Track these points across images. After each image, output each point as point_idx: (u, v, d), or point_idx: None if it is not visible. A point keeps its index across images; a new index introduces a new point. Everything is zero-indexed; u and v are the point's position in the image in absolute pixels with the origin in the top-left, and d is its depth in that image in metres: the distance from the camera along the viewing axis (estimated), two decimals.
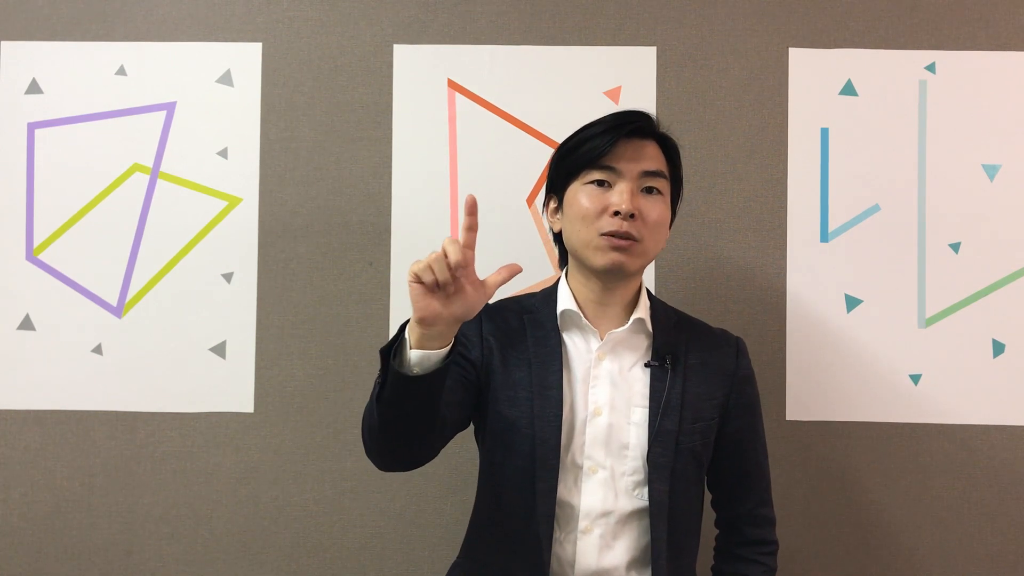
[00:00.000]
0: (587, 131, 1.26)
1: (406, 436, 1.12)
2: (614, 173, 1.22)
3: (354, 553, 1.68)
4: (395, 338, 1.06)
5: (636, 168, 1.22)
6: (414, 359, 1.04)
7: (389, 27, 1.70)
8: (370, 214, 1.69)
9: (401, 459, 1.18)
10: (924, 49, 1.68)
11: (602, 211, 1.21)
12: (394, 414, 1.08)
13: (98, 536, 1.68)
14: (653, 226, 1.23)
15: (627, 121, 1.24)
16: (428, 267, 1.01)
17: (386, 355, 1.05)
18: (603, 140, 1.22)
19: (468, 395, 1.24)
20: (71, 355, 1.68)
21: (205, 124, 1.70)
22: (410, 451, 1.17)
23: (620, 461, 1.23)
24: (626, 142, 1.23)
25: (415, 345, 1.04)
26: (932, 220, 1.67)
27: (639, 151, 1.23)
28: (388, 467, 1.18)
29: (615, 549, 1.22)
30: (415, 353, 1.04)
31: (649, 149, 1.25)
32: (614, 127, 1.23)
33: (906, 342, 1.66)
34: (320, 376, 1.68)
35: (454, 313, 1.04)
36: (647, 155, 1.24)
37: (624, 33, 1.69)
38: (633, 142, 1.23)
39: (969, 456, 1.66)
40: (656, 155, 1.26)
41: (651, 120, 1.27)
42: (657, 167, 1.24)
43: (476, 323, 1.28)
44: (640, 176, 1.23)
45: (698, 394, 1.26)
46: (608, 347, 1.25)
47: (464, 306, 1.04)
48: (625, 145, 1.23)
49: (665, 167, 1.26)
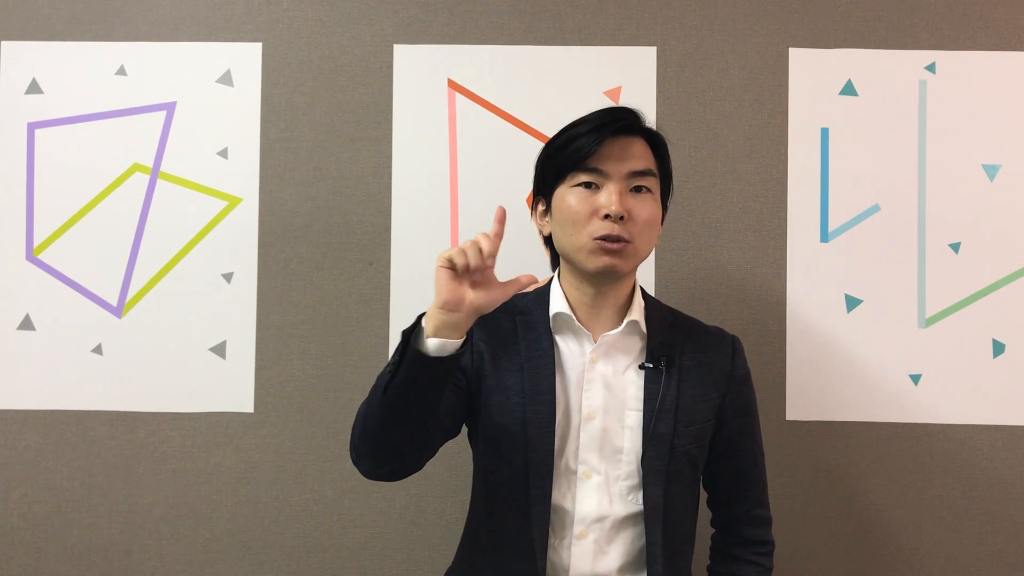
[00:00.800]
0: (572, 131, 1.22)
1: (402, 432, 1.12)
2: (601, 175, 1.19)
3: (354, 553, 1.68)
4: (414, 324, 1.08)
5: (624, 168, 1.20)
6: (432, 346, 1.06)
7: (389, 27, 1.71)
8: (370, 214, 1.69)
9: (389, 462, 1.16)
10: (924, 49, 1.68)
11: (591, 214, 1.19)
12: (401, 400, 1.07)
13: (98, 536, 1.68)
14: (644, 226, 1.20)
15: (612, 119, 1.21)
16: (462, 251, 1.05)
17: (407, 335, 1.07)
18: (588, 140, 1.19)
19: (459, 402, 1.24)
20: (71, 355, 1.68)
21: (205, 124, 1.70)
22: (400, 454, 1.15)
23: (614, 465, 1.21)
24: (612, 141, 1.20)
25: (432, 333, 1.06)
26: (932, 220, 1.67)
27: (626, 150, 1.20)
28: (375, 471, 1.17)
29: (610, 554, 1.21)
30: (433, 341, 1.06)
31: (636, 147, 1.22)
32: (599, 126, 1.20)
33: (906, 342, 1.66)
34: (320, 376, 1.68)
35: (476, 302, 1.06)
36: (634, 154, 1.21)
37: (624, 33, 1.69)
38: (619, 140, 1.20)
39: (969, 456, 1.66)
40: (643, 153, 1.23)
41: (637, 116, 1.24)
42: (645, 166, 1.21)
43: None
44: (628, 176, 1.20)
45: (693, 396, 1.24)
46: (601, 350, 1.24)
47: (487, 298, 1.07)
48: (611, 144, 1.20)
49: (653, 164, 1.24)
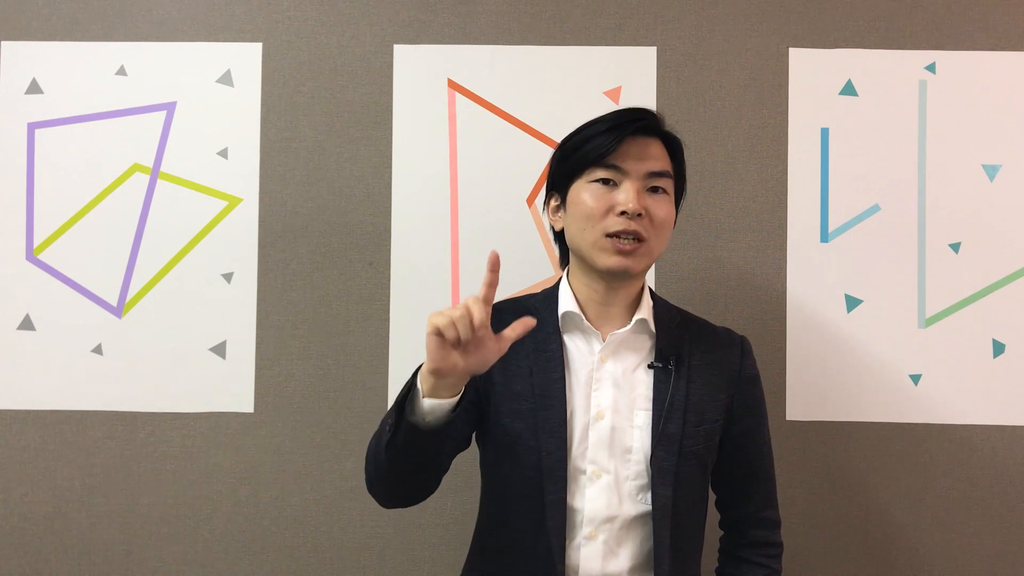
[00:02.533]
0: (591, 128, 1.23)
1: (413, 478, 1.15)
2: (620, 172, 1.20)
3: (354, 553, 1.68)
4: (408, 385, 1.08)
5: (642, 168, 1.20)
6: (426, 407, 1.06)
7: (389, 27, 1.70)
8: (370, 214, 1.69)
9: (405, 497, 1.20)
10: (924, 49, 1.68)
11: (608, 211, 1.19)
12: (403, 458, 1.10)
13: (98, 536, 1.68)
14: (659, 226, 1.21)
15: (632, 119, 1.22)
16: (452, 324, 1.00)
17: (400, 404, 1.07)
18: (608, 138, 1.20)
19: (468, 418, 1.24)
20: (71, 355, 1.68)
21: (205, 124, 1.70)
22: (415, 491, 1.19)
23: (624, 465, 1.21)
24: (631, 140, 1.21)
25: (427, 394, 1.06)
26: (932, 220, 1.67)
27: (644, 150, 1.22)
28: (391, 505, 1.21)
29: (620, 555, 1.20)
30: (427, 402, 1.05)
31: (654, 148, 1.23)
32: (619, 125, 1.21)
33: (906, 342, 1.66)
34: (320, 376, 1.68)
35: (470, 367, 1.05)
36: (652, 154, 1.22)
37: (624, 33, 1.69)
38: (638, 140, 1.21)
39: (969, 456, 1.66)
40: (661, 154, 1.24)
41: (656, 118, 1.25)
42: (663, 167, 1.23)
43: None
44: (646, 176, 1.21)
45: (702, 396, 1.24)
46: (610, 349, 1.24)
47: (480, 360, 1.05)
48: (630, 144, 1.21)
49: (670, 166, 1.25)
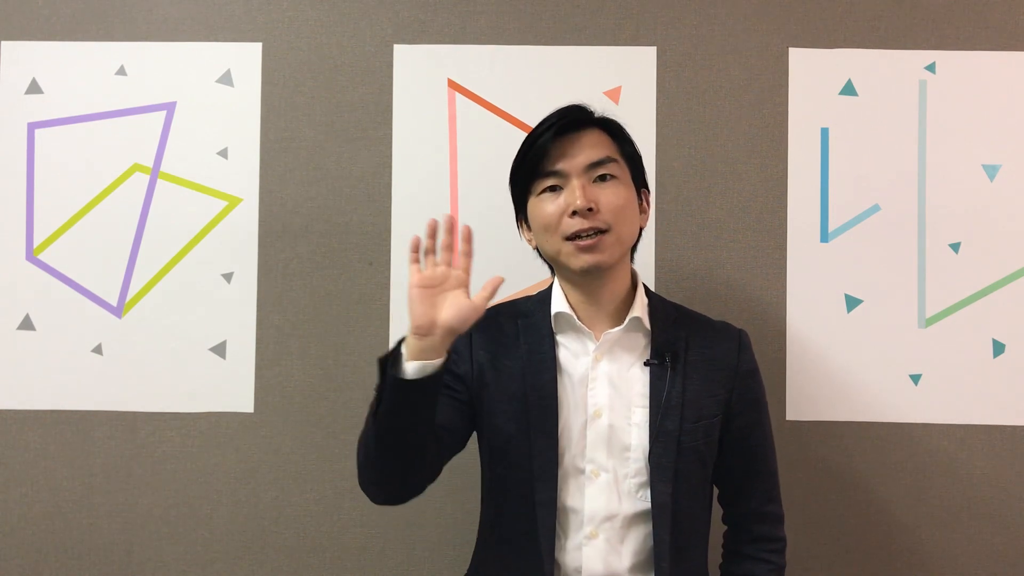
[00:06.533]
0: (525, 143, 1.25)
1: (402, 453, 1.13)
2: (560, 176, 1.21)
3: (354, 553, 1.68)
4: (393, 351, 1.10)
5: (581, 162, 1.21)
6: (411, 370, 1.08)
7: (389, 27, 1.70)
8: (370, 214, 1.69)
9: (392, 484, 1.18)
10: (924, 49, 1.68)
11: (561, 215, 1.20)
12: (391, 426, 1.10)
13: (98, 536, 1.68)
14: (617, 211, 1.20)
15: (557, 119, 1.22)
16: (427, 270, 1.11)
17: (384, 363, 1.09)
18: (538, 147, 1.21)
19: (460, 417, 1.25)
20: (71, 355, 1.68)
21: (205, 124, 1.70)
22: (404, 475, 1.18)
23: (622, 463, 1.21)
24: (562, 140, 1.21)
25: (411, 357, 1.08)
26: (932, 220, 1.67)
27: (577, 145, 1.21)
28: (380, 497, 1.20)
29: (622, 554, 1.20)
30: (412, 364, 1.08)
31: (588, 138, 1.22)
32: (546, 130, 1.22)
33: (906, 342, 1.66)
34: (320, 376, 1.68)
35: (448, 322, 1.09)
36: (587, 145, 1.22)
37: (624, 33, 1.69)
38: (568, 137, 1.21)
39: (969, 456, 1.66)
40: (598, 141, 1.23)
41: (584, 110, 1.25)
42: (602, 154, 1.22)
43: (467, 337, 1.27)
44: (587, 169, 1.21)
45: (699, 392, 1.24)
46: (604, 348, 1.24)
47: (458, 317, 1.09)
48: (563, 144, 1.21)
49: (613, 150, 1.24)
